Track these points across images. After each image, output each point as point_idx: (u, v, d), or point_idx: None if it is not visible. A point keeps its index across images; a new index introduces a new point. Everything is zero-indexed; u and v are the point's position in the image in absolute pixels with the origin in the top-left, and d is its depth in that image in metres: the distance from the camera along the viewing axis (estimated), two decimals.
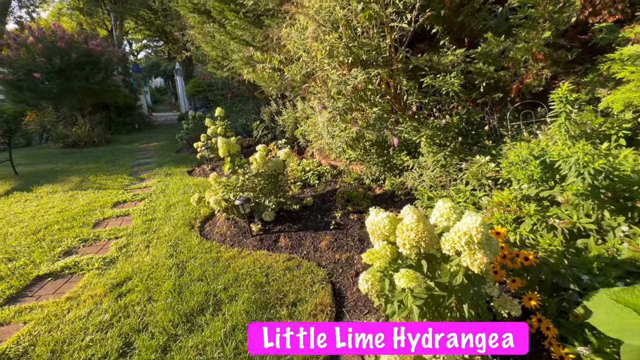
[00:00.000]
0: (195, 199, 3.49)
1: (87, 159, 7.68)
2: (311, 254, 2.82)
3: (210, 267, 2.66)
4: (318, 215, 3.47)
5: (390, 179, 3.69)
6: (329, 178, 4.47)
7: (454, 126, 3.26)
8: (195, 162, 6.60)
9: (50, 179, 5.88)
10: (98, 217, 3.94)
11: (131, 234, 3.42)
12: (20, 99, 9.79)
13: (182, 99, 15.23)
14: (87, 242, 3.30)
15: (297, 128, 6.54)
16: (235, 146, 3.30)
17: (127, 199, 4.61)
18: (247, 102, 9.66)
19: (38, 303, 2.34)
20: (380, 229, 1.49)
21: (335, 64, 2.86)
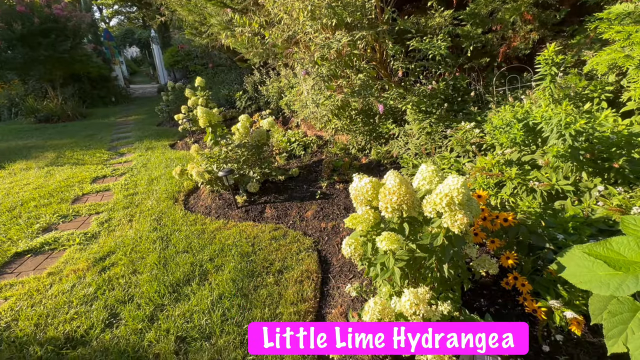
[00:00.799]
0: (177, 171, 3.39)
1: (62, 134, 7.32)
2: (297, 224, 2.83)
3: (196, 239, 2.64)
4: (304, 185, 3.45)
5: (376, 148, 3.66)
6: (314, 149, 4.41)
7: (440, 92, 3.21)
8: (177, 135, 6.39)
9: (23, 155, 5.61)
10: (77, 193, 3.81)
11: (113, 209, 3.34)
12: None
13: (161, 70, 14.47)
14: (66, 218, 3.21)
15: (281, 98, 6.35)
16: (216, 116, 3.17)
17: (107, 174, 4.46)
18: (229, 72, 9.25)
19: (18, 279, 2.29)
20: (363, 194, 1.48)
21: (318, 26, 2.70)
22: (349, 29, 2.93)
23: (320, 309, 1.92)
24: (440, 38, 2.71)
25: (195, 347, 1.66)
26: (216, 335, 1.72)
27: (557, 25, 2.85)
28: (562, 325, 1.45)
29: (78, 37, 9.11)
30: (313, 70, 2.93)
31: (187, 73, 12.47)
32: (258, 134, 3.20)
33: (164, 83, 13.64)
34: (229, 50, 7.86)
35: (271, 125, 3.33)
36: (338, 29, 2.87)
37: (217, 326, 1.76)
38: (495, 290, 1.79)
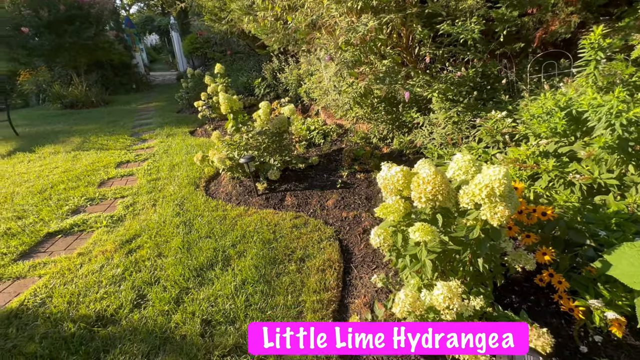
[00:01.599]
0: (199, 157, 3.42)
1: (87, 119, 7.53)
2: (318, 213, 2.81)
3: (218, 225, 2.66)
4: (324, 174, 3.41)
5: (399, 137, 3.57)
6: (334, 137, 4.35)
7: (469, 80, 3.07)
8: (197, 122, 6.44)
9: (51, 140, 5.81)
10: (102, 177, 3.92)
11: (137, 193, 3.41)
12: (12, 57, 9.39)
13: (180, 57, 14.58)
14: (93, 201, 3.31)
15: (300, 86, 6.27)
16: (237, 102, 3.15)
17: (130, 159, 4.56)
18: (247, 59, 9.20)
19: (51, 258, 2.38)
20: (393, 183, 1.43)
21: (343, 9, 2.60)
22: (375, 12, 2.81)
23: (342, 298, 1.90)
24: (474, 21, 2.56)
25: (220, 330, 1.68)
26: (240, 319, 1.74)
27: (603, 7, 2.64)
28: (602, 326, 1.37)
29: (100, 24, 9.26)
30: (337, 56, 2.85)
31: (206, 60, 12.51)
32: (279, 121, 3.17)
33: (182, 70, 13.77)
34: (248, 37, 7.80)
35: (292, 112, 3.28)
36: (364, 13, 2.77)
37: (241, 311, 1.77)
38: (527, 287, 1.72)
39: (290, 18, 3.29)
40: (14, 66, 9.77)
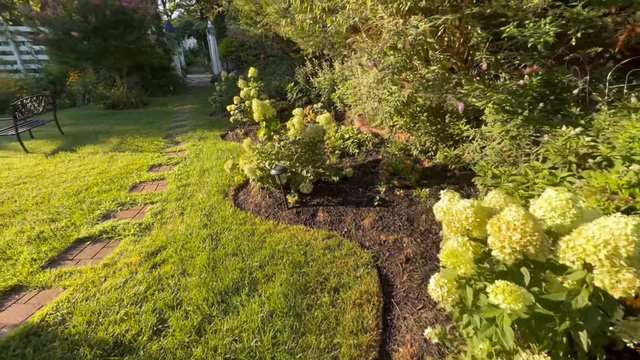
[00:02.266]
0: (229, 165, 3.29)
1: (126, 120, 7.79)
2: (353, 233, 2.56)
3: (245, 241, 2.49)
4: (359, 188, 3.15)
5: (444, 150, 3.23)
6: (370, 147, 4.08)
7: (532, 89, 2.69)
8: (229, 125, 6.43)
9: (92, 140, 6.01)
10: (135, 181, 3.91)
11: (166, 200, 3.34)
12: (63, 60, 9.99)
13: (215, 60, 14.93)
14: (124, 206, 3.28)
15: (334, 91, 6.06)
16: (271, 109, 2.98)
17: (163, 163, 4.56)
18: (280, 63, 9.16)
19: (77, 268, 2.32)
20: (460, 221, 1.15)
21: (392, 9, 2.35)
22: (425, 12, 2.53)
23: (384, 343, 1.63)
24: (549, 22, 2.20)
25: None
26: None
27: None
28: None
29: (143, 29, 9.62)
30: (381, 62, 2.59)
31: (240, 63, 12.69)
32: (314, 131, 2.96)
33: (217, 73, 14.08)
34: (282, 41, 7.73)
35: (328, 121, 3.06)
36: (413, 14, 2.49)
37: (268, 351, 1.56)
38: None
39: (329, 21, 3.08)
40: (65, 68, 10.41)
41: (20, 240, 2.67)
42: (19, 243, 2.64)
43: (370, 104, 3.29)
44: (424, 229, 2.43)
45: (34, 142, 6.05)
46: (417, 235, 2.38)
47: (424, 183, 3.08)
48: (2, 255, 2.48)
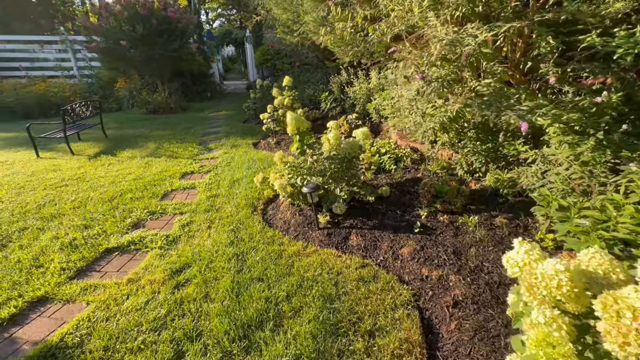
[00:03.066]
0: (259, 179, 3.17)
1: (164, 125, 8.07)
2: (390, 263, 2.29)
3: (272, 265, 2.32)
4: (397, 210, 2.88)
5: (494, 172, 2.88)
6: (408, 163, 3.79)
7: (610, 107, 2.30)
8: (261, 134, 6.39)
9: (132, 144, 6.24)
10: (167, 188, 3.92)
11: (195, 211, 3.28)
12: (112, 67, 10.65)
13: (251, 68, 15.28)
14: (154, 215, 3.25)
15: (369, 101, 5.83)
16: (305, 122, 2.82)
17: (195, 170, 4.57)
18: (314, 71, 9.10)
19: (102, 282, 2.26)
20: (549, 288, 0.89)
21: (445, 16, 2.10)
22: (482, 20, 2.24)
23: None
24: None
25: None
26: None
27: None
28: None
29: (185, 37, 10.03)
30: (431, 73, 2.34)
31: (275, 71, 12.85)
32: (350, 146, 2.75)
33: (252, 80, 14.37)
34: (318, 49, 7.65)
35: (365, 136, 2.84)
36: (468, 21, 2.21)
37: None
38: None
39: (371, 29, 2.87)
40: (114, 74, 11.10)
41: (53, 247, 2.70)
42: (52, 250, 2.66)
43: (412, 118, 3.02)
44: (473, 266, 2.12)
45: (81, 144, 6.39)
46: (466, 273, 2.07)
47: (471, 209, 2.75)
48: (35, 262, 2.50)
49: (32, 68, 11.81)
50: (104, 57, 9.53)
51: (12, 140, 6.81)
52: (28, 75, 11.29)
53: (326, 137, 2.78)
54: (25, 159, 5.46)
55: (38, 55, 12.18)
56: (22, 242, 2.79)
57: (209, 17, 28.77)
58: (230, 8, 25.31)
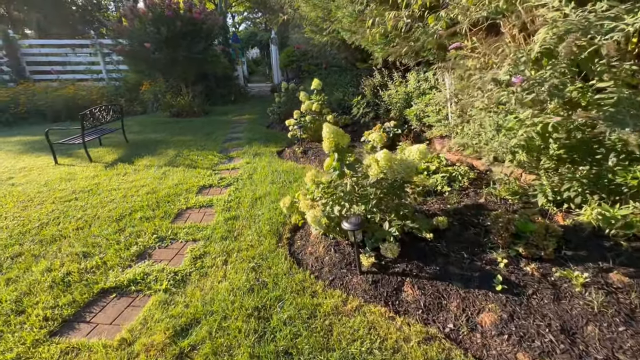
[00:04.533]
0: (285, 203, 2.62)
1: (186, 130, 7.77)
2: (465, 336, 1.66)
3: (304, 330, 1.74)
4: (461, 251, 2.23)
5: (593, 204, 2.16)
6: (464, 183, 3.11)
7: None
8: (286, 141, 5.88)
9: (151, 150, 5.92)
10: (181, 206, 3.46)
11: (210, 238, 2.78)
12: (139, 69, 10.57)
13: (276, 70, 14.94)
14: (163, 242, 2.78)
15: (408, 107, 5.17)
16: (345, 136, 2.23)
17: (213, 184, 4.10)
18: (343, 73, 8.50)
19: (88, 341, 1.78)
20: None
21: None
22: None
23: None
24: None
25: None
26: None
27: None
28: None
29: (210, 39, 9.76)
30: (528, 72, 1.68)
31: (300, 73, 12.40)
32: (403, 168, 2.13)
33: (277, 82, 14.02)
34: (348, 49, 7.05)
35: (423, 155, 2.21)
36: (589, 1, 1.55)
37: None
38: None
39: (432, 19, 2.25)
40: (140, 77, 11.05)
41: (43, 284, 2.27)
42: (41, 287, 2.23)
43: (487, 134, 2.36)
44: (602, 359, 1.44)
45: (101, 150, 6.15)
46: None
47: (566, 255, 2.06)
48: (18, 306, 2.07)
49: (64, 72, 12.02)
50: (129, 60, 9.42)
51: (36, 145, 6.70)
52: (59, 78, 11.49)
53: (373, 158, 2.17)
54: (43, 165, 5.24)
55: (70, 59, 12.41)
56: (11, 273, 2.39)
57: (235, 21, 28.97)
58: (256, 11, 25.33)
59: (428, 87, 4.93)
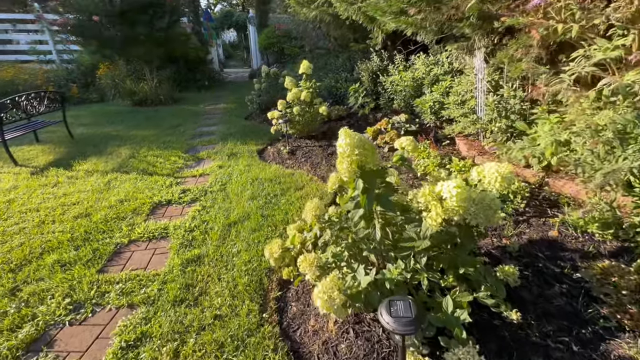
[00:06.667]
0: (274, 252, 1.66)
1: (148, 121, 6.55)
2: None
3: None
4: (561, 336, 1.38)
5: None
6: (518, 205, 2.26)
7: None
8: (268, 136, 4.85)
9: (99, 149, 4.74)
10: (121, 240, 2.43)
11: (157, 301, 1.80)
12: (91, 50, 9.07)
13: (254, 53, 13.60)
14: (79, 313, 1.77)
15: (418, 95, 4.27)
16: (374, 153, 1.30)
17: (173, 199, 3.07)
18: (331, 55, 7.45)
19: None
20: None
21: None
22: None
23: None
24: None
25: None
26: None
27: None
28: None
29: (176, 15, 8.37)
30: None
31: (281, 57, 11.19)
32: (483, 210, 1.24)
33: (256, 68, 12.75)
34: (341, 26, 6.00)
35: (507, 183, 1.31)
36: None
37: None
38: None
39: None
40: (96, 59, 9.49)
41: None
42: None
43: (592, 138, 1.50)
44: None
45: (35, 149, 4.91)
46: None
47: None
48: None
49: (4, 51, 10.25)
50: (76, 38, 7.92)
51: None
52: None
53: (430, 192, 1.25)
54: None
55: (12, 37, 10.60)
56: None
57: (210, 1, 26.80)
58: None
59: (441, 72, 4.04)
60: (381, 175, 1.36)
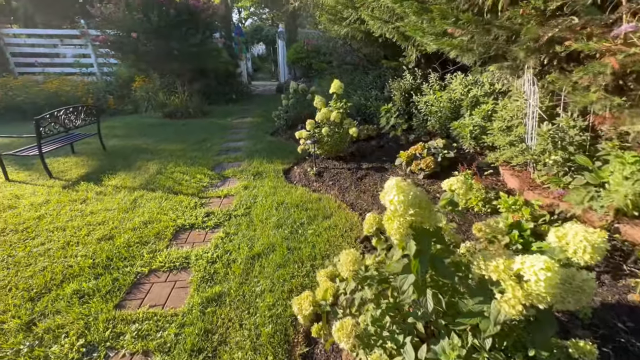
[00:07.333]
0: (304, 309, 1.47)
1: (177, 135, 6.65)
2: None
3: None
4: None
5: None
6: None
7: None
8: (294, 155, 4.73)
9: (129, 163, 4.81)
10: (142, 269, 2.32)
11: (174, 345, 1.65)
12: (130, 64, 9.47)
13: (282, 67, 13.76)
14: (94, 353, 1.64)
15: (456, 118, 4.00)
16: (432, 214, 1.08)
17: (197, 223, 2.97)
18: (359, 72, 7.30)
19: None
20: None
21: None
22: None
23: None
24: None
25: None
26: None
27: None
28: None
29: (209, 31, 8.59)
30: None
31: (309, 71, 11.23)
32: (573, 294, 0.98)
33: (283, 81, 12.85)
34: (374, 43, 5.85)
35: (599, 254, 1.05)
36: None
37: None
38: None
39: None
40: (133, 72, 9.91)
41: None
42: None
43: None
44: None
45: (70, 160, 5.06)
46: None
47: None
48: None
49: (52, 64, 10.95)
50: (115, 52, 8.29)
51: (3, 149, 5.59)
52: (44, 71, 10.41)
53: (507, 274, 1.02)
54: None
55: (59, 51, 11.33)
56: None
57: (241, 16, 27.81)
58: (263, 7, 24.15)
59: (482, 93, 3.76)
60: (437, 235, 1.14)
